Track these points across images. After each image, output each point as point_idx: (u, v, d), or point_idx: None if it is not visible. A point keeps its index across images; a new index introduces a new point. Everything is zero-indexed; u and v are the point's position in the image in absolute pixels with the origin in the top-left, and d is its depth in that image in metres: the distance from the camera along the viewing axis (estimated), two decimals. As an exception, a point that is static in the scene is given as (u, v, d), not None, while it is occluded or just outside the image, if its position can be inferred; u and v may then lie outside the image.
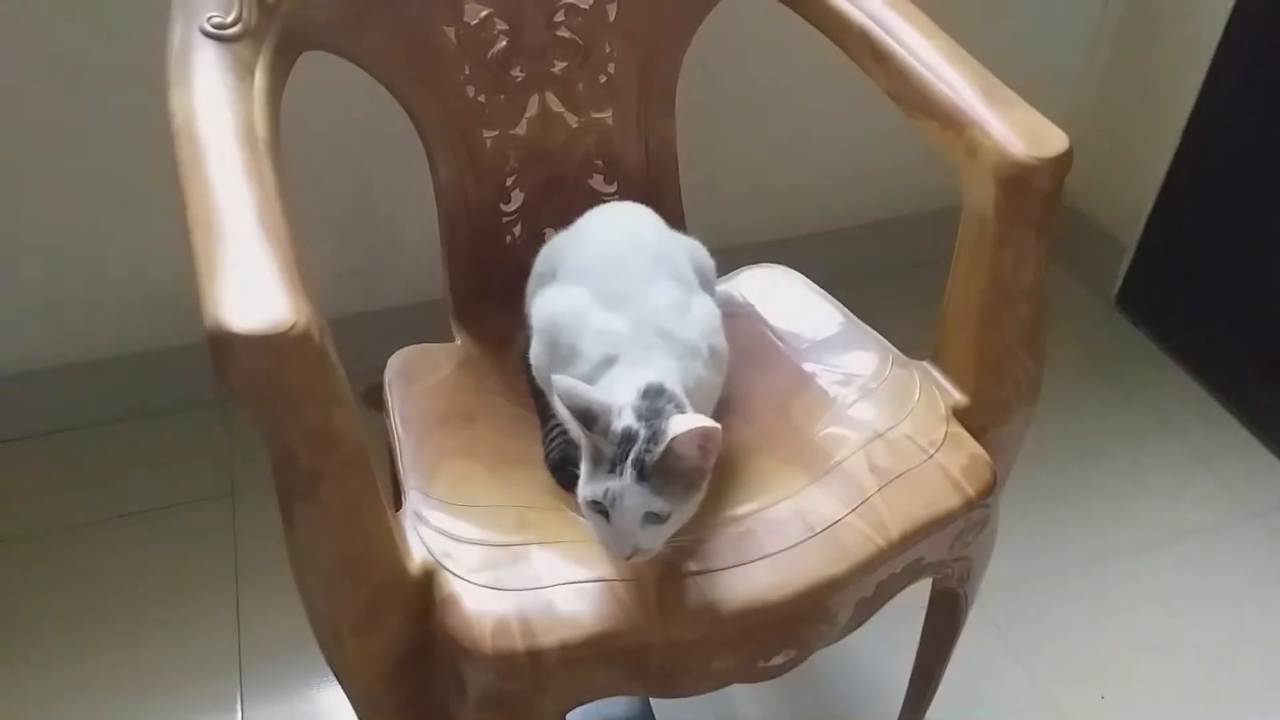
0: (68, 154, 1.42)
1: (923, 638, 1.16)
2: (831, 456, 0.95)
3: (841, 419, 0.99)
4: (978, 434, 0.98)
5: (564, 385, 0.78)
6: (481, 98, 1.09)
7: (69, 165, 1.43)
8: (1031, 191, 0.90)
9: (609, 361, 0.88)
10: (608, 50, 1.12)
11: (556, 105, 1.13)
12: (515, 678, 0.81)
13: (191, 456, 1.60)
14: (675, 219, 1.20)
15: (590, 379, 0.87)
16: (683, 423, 0.78)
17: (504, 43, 1.09)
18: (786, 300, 1.15)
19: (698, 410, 0.86)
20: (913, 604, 1.05)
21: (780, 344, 1.10)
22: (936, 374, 1.03)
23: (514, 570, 0.84)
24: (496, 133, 1.11)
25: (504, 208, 1.14)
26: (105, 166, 1.43)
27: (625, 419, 0.79)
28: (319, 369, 0.73)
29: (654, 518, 0.78)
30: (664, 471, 0.78)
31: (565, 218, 1.10)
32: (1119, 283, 1.92)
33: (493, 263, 1.14)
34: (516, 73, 1.11)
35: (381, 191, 1.58)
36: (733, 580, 0.84)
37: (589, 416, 0.78)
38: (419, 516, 0.88)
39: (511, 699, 0.83)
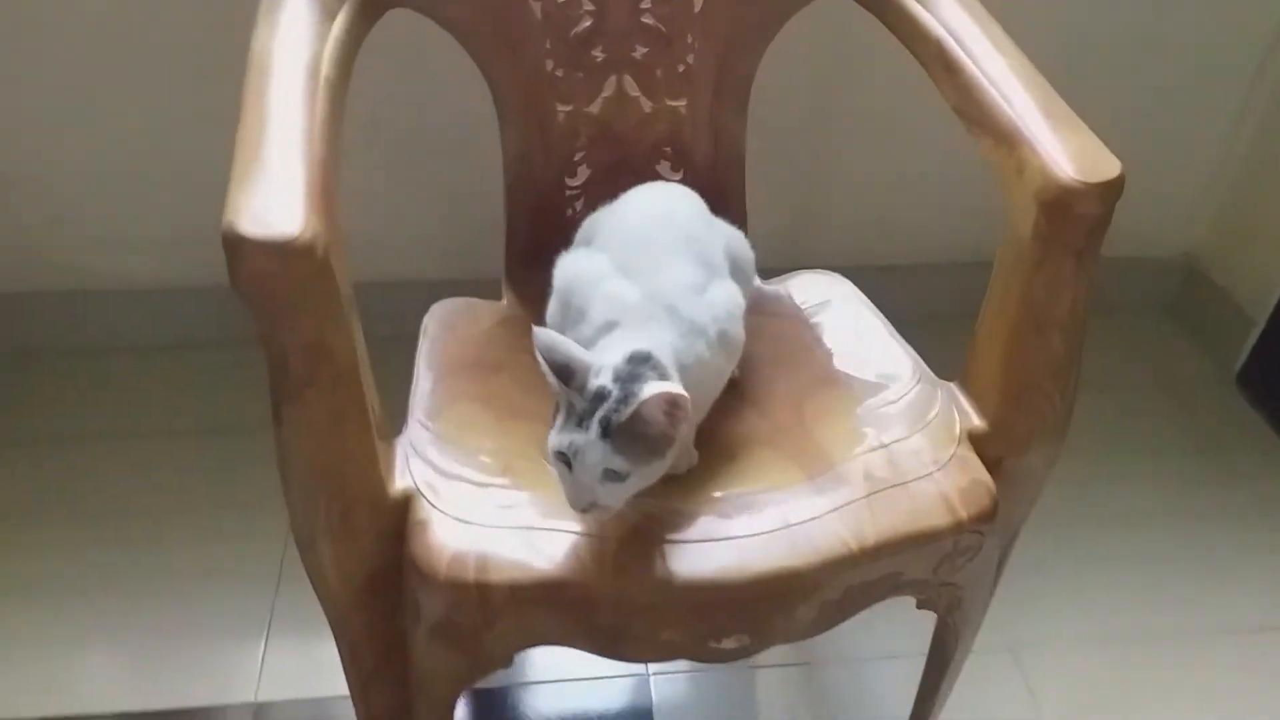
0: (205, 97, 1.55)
1: (925, 669, 1.13)
2: (832, 458, 0.94)
3: (853, 425, 0.98)
4: (993, 463, 0.95)
5: (544, 339, 0.80)
6: (560, 73, 1.14)
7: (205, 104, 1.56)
8: (1074, 217, 0.87)
9: (610, 326, 0.90)
10: (689, 41, 1.15)
11: (633, 89, 1.16)
12: (464, 609, 0.84)
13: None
14: (737, 217, 1.21)
15: (591, 341, 0.89)
16: (654, 388, 0.79)
17: (588, 23, 1.13)
18: (833, 306, 1.14)
19: (695, 390, 0.87)
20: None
21: (814, 346, 1.10)
22: (960, 396, 1.00)
23: (486, 509, 0.87)
24: (570, 108, 1.15)
25: (569, 182, 1.18)
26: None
27: (602, 378, 0.81)
28: (318, 283, 0.78)
29: (613, 475, 0.80)
30: (628, 433, 0.79)
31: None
32: (1242, 359, 1.80)
33: (550, 232, 1.17)
34: (597, 53, 1.14)
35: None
36: (693, 554, 0.85)
37: (566, 372, 0.80)
38: (413, 446, 0.93)
39: (461, 631, 0.86)
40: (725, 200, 1.20)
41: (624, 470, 0.80)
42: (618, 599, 0.83)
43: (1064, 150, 0.88)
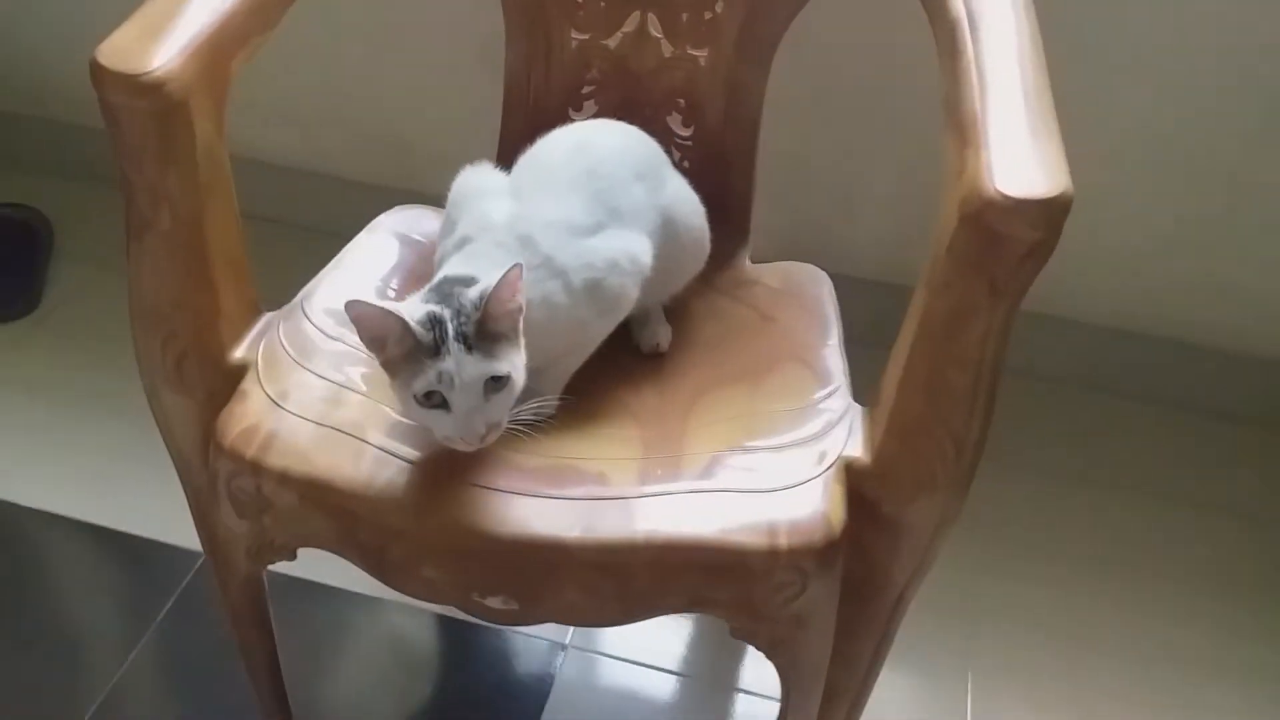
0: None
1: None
2: (684, 446, 0.85)
3: (736, 421, 0.88)
4: (870, 505, 0.82)
5: (354, 312, 0.75)
6: (580, -1, 1.09)
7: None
8: (992, 235, 0.72)
9: (463, 243, 0.85)
10: (721, -15, 1.06)
11: (655, 29, 1.10)
12: (240, 484, 0.83)
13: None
14: (742, 184, 1.12)
15: (447, 255, 0.86)
16: (491, 278, 0.75)
17: (620, -53, 1.07)
18: (798, 302, 1.03)
19: (540, 332, 0.82)
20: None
21: (755, 338, 0.99)
22: (862, 423, 0.87)
23: (312, 402, 0.86)
24: (586, 38, 1.10)
25: (574, 115, 1.13)
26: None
27: (425, 308, 0.76)
28: (165, 126, 0.79)
29: (495, 383, 0.76)
30: (488, 334, 0.76)
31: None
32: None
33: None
34: (625, -18, 1.08)
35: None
36: (469, 497, 0.79)
37: (384, 331, 0.75)
38: (275, 325, 0.92)
39: (245, 508, 0.85)
40: (730, 165, 1.12)
41: (504, 371, 0.76)
42: (376, 517, 0.80)
43: (1003, 155, 0.74)
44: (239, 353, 0.89)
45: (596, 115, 1.13)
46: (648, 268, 0.91)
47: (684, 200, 0.97)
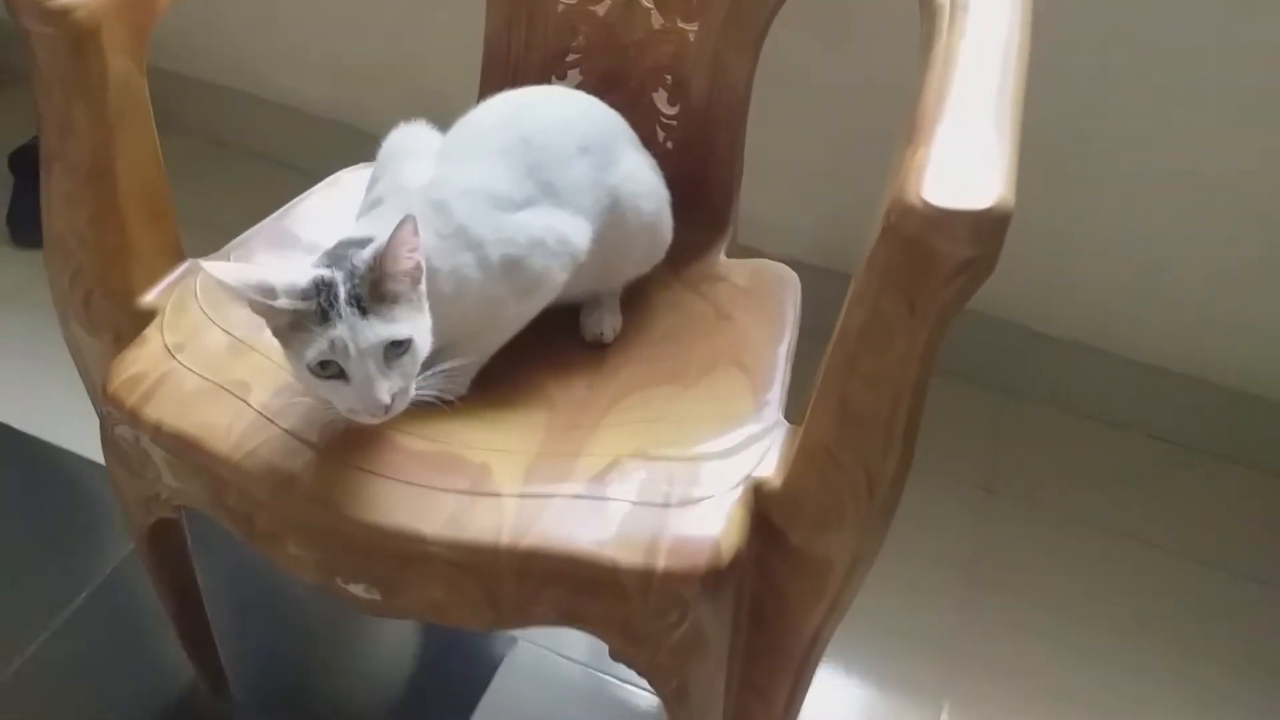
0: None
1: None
2: (586, 447, 0.79)
3: (651, 424, 0.81)
4: (779, 534, 0.75)
5: (218, 275, 0.69)
6: (569, -42, 1.03)
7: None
8: (911, 247, 0.64)
9: (374, 205, 0.80)
10: (716, -44, 0.98)
11: (646, 0, 1.03)
12: (119, 431, 0.80)
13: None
14: (724, 170, 1.05)
15: (360, 214, 0.81)
16: (383, 236, 0.69)
17: (615, -92, 1.00)
18: (760, 305, 0.95)
19: (449, 307, 0.77)
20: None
21: (704, 338, 0.92)
22: (783, 443, 0.79)
23: (210, 358, 0.82)
24: (574, 1, 1.04)
25: (556, 82, 1.07)
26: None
27: (311, 273, 0.71)
28: (74, 55, 0.76)
29: (396, 348, 0.71)
30: (384, 295, 0.71)
31: (617, 121, 1.02)
32: None
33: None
34: (618, -54, 1.02)
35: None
36: (339, 476, 0.75)
37: (268, 289, 0.69)
38: (195, 273, 0.89)
39: (127, 458, 0.82)
40: (713, 151, 1.04)
41: (407, 334, 0.71)
42: (241, 483, 0.76)
43: (939, 159, 0.65)
44: (150, 297, 0.86)
45: (580, 85, 1.07)
46: (581, 251, 0.85)
47: (639, 183, 0.90)
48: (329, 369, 0.70)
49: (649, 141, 1.06)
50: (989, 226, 0.62)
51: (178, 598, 0.98)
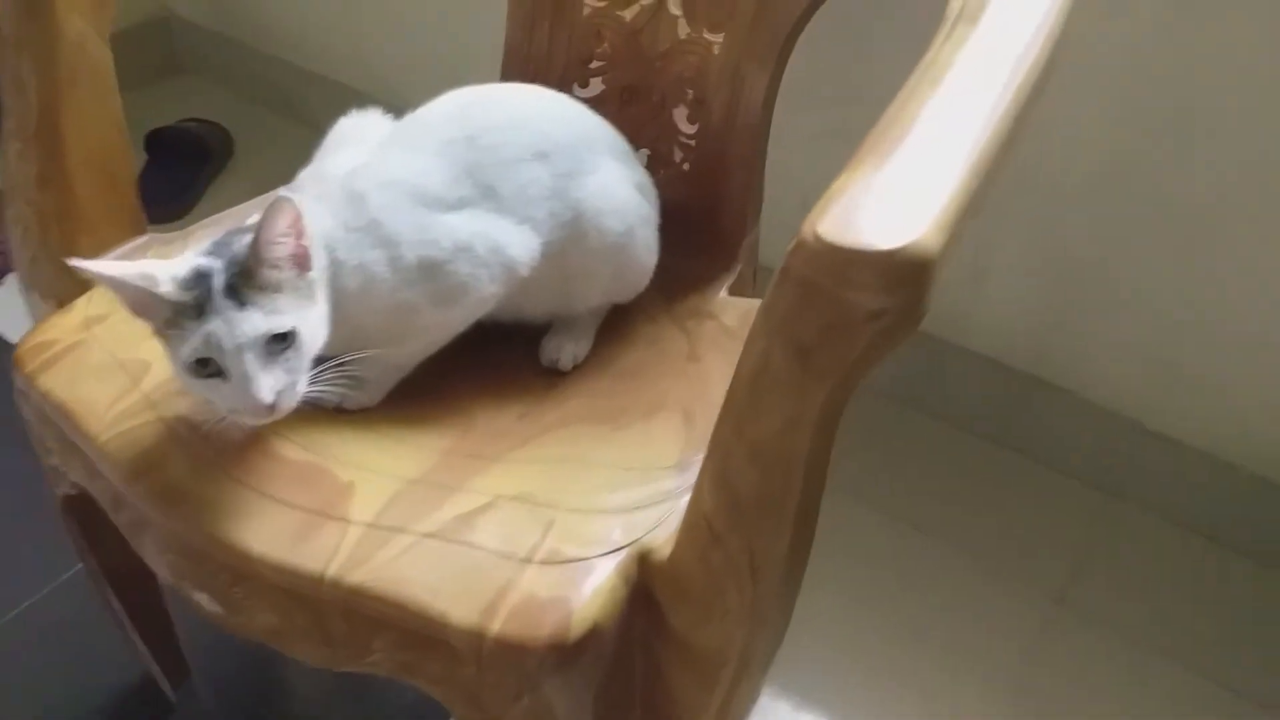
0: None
1: None
2: (484, 479, 0.70)
3: (561, 465, 0.72)
4: (660, 612, 0.63)
5: (96, 273, 0.64)
6: (599, -42, 0.95)
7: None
8: (802, 287, 0.51)
9: (295, 190, 0.74)
10: (745, -38, 0.88)
11: (675, 7, 0.93)
12: (24, 397, 0.77)
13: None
14: (737, 212, 0.94)
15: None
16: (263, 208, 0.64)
17: (648, -93, 0.92)
18: (735, 344, 0.82)
19: (353, 306, 0.71)
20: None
21: (666, 377, 0.81)
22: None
23: (121, 330, 0.78)
24: (602, 4, 0.96)
25: (578, 92, 0.99)
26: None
27: (191, 262, 0.66)
28: (25, 11, 0.76)
29: (279, 342, 0.65)
30: (265, 284, 0.65)
31: (635, 136, 0.94)
32: None
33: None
34: (648, -52, 0.93)
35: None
36: (194, 476, 0.69)
37: (148, 278, 0.64)
38: (148, 248, 0.87)
39: (31, 425, 0.80)
40: (728, 178, 0.94)
41: (289, 326, 0.65)
42: (104, 465, 0.71)
43: (861, 187, 0.52)
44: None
45: (602, 96, 0.99)
46: (519, 264, 0.76)
47: (609, 199, 0.80)
48: (207, 366, 0.65)
49: (666, 161, 0.97)
50: (899, 273, 0.50)
51: (116, 582, 0.96)
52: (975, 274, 1.32)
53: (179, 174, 1.81)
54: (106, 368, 0.76)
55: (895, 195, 0.52)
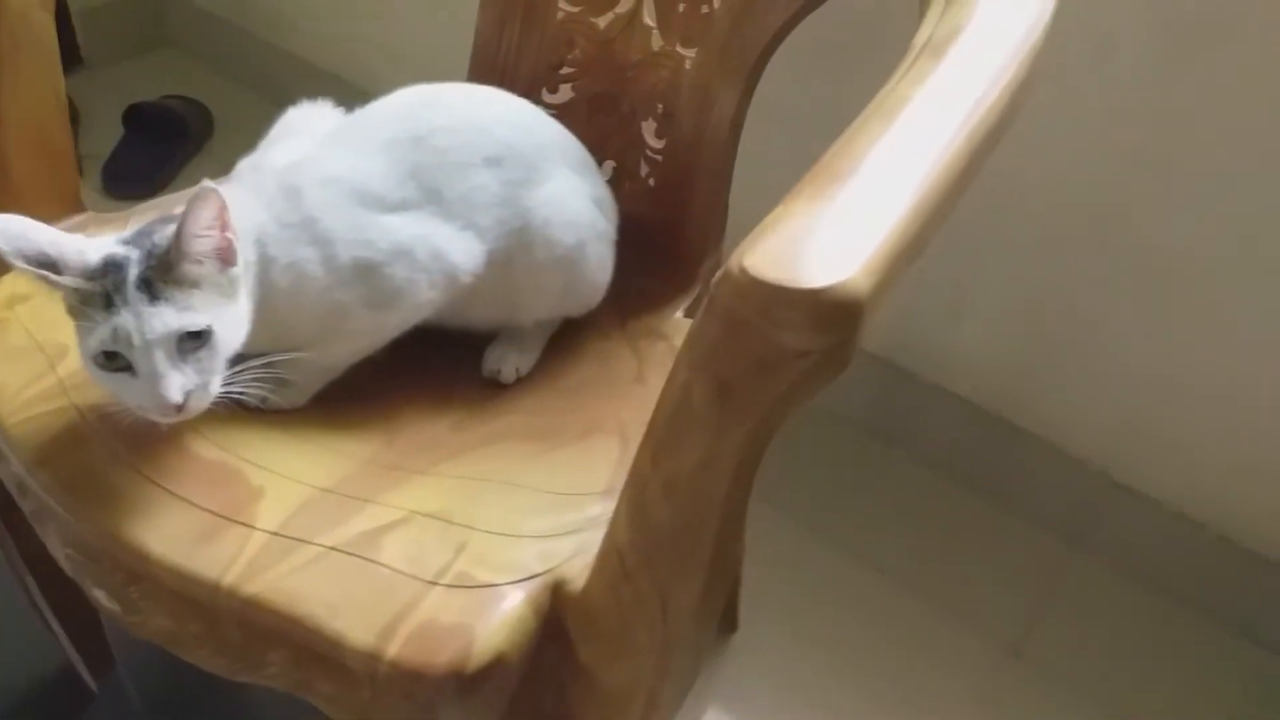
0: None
1: None
2: (401, 493, 0.67)
3: (484, 484, 0.69)
4: (571, 645, 0.61)
5: (7, 227, 0.62)
6: (576, -40, 0.93)
7: None
8: (726, 320, 0.49)
9: (226, 181, 0.72)
10: (722, -24, 0.86)
11: (649, 17, 0.91)
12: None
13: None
14: (697, 235, 0.92)
15: None
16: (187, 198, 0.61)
17: (628, -87, 0.90)
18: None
19: (283, 303, 0.69)
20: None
21: (613, 397, 0.79)
22: (612, 538, 0.64)
23: (44, 311, 0.75)
24: (575, 9, 0.94)
25: (547, 97, 0.97)
26: None
27: (107, 248, 0.63)
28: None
29: (193, 340, 0.62)
30: (183, 279, 0.62)
31: (602, 147, 0.92)
32: None
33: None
34: (626, -46, 0.91)
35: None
36: (102, 470, 0.67)
37: (48, 260, 0.62)
38: (85, 227, 0.84)
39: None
40: (691, 198, 0.91)
41: (203, 324, 0.62)
42: (10, 450, 0.68)
43: (794, 220, 0.50)
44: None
45: (571, 103, 0.96)
46: (460, 271, 0.73)
47: (560, 210, 0.78)
48: (116, 360, 0.62)
49: (631, 174, 0.95)
50: (826, 314, 0.47)
51: (36, 568, 0.92)
52: (953, 314, 1.30)
53: (154, 151, 1.78)
54: (24, 349, 0.73)
55: (830, 232, 0.49)
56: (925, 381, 1.35)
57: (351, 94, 1.97)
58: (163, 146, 1.79)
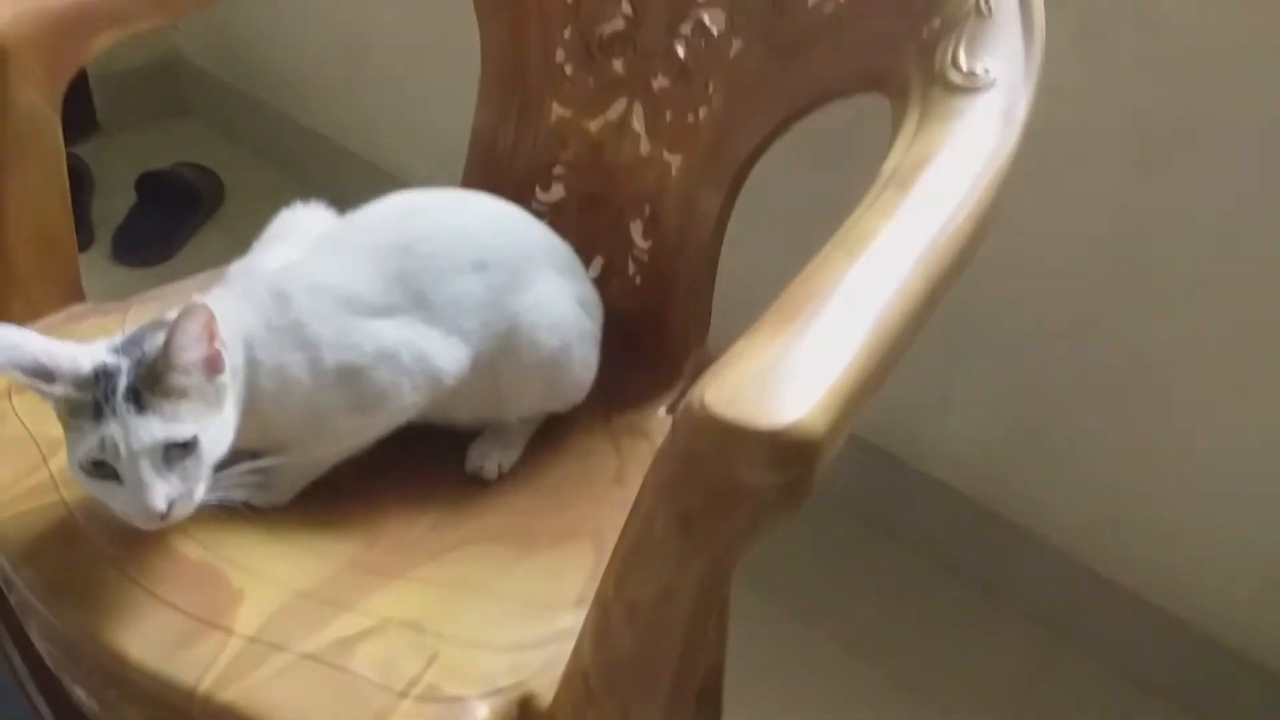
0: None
1: None
2: (377, 598, 0.68)
3: (456, 591, 0.70)
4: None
5: (2, 339, 0.63)
6: (569, 68, 0.96)
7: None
8: (688, 454, 0.51)
9: (218, 283, 0.74)
10: (709, 89, 0.89)
11: (638, 123, 0.94)
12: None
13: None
14: (680, 332, 0.94)
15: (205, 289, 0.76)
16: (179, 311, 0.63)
17: (620, 25, 0.93)
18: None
19: (279, 417, 0.70)
20: None
21: (589, 500, 0.80)
22: (581, 649, 0.65)
23: (43, 405, 0.77)
24: (568, 113, 0.97)
25: (540, 195, 1.00)
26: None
27: (98, 356, 0.65)
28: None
29: (180, 450, 0.64)
30: (171, 389, 0.64)
31: (592, 244, 0.95)
32: None
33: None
34: (618, 65, 0.94)
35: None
36: (88, 570, 0.68)
37: (43, 371, 0.64)
38: (84, 317, 0.86)
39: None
40: (674, 297, 0.94)
41: (189, 435, 0.64)
42: (2, 545, 0.70)
43: (757, 354, 0.52)
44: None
45: (563, 202, 0.99)
46: (445, 374, 0.75)
47: (545, 313, 0.80)
48: (103, 468, 0.64)
49: (619, 271, 0.97)
50: (782, 453, 0.49)
51: (19, 637, 0.93)
52: (940, 402, 1.31)
53: (165, 219, 1.82)
54: (18, 440, 0.75)
55: (789, 370, 0.51)
56: (911, 467, 1.37)
57: (361, 167, 2.02)
58: (173, 214, 1.82)
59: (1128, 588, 1.24)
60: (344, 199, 1.70)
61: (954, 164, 0.64)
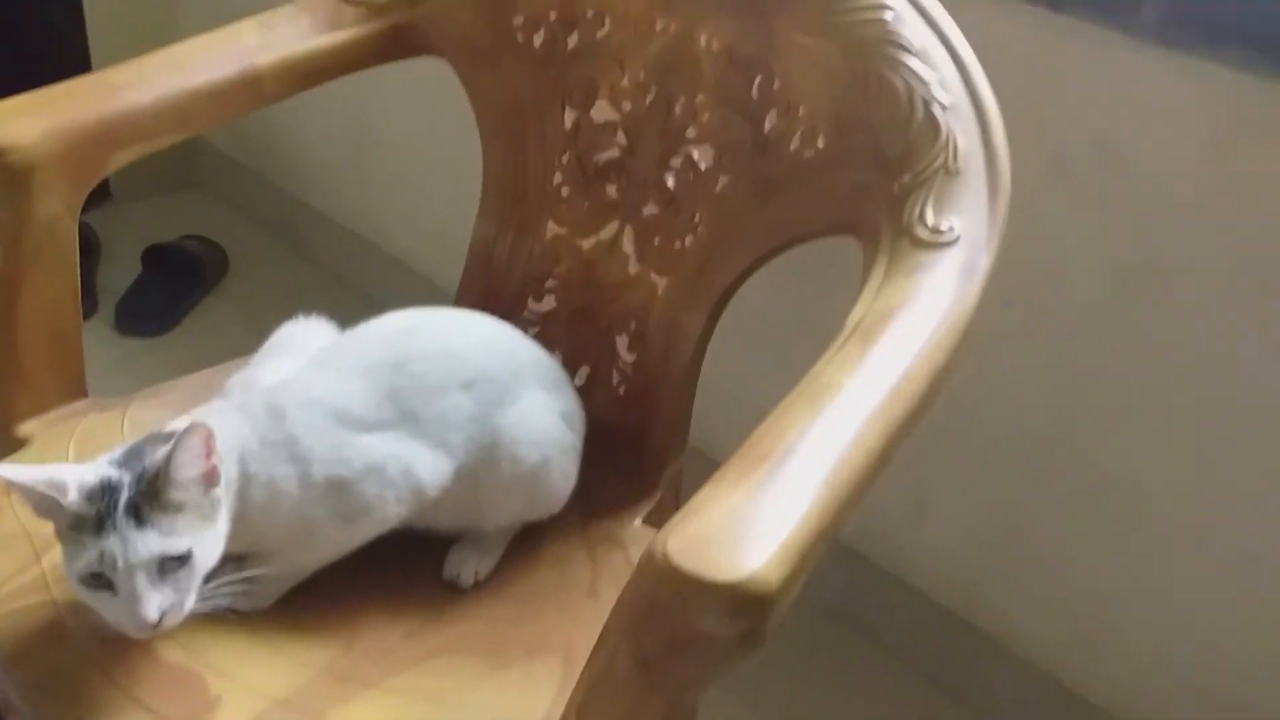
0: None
1: None
2: (351, 706, 0.71)
3: (424, 704, 0.73)
4: None
5: (7, 476, 0.67)
6: (565, 190, 1.01)
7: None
8: (650, 600, 0.54)
9: (219, 396, 0.77)
10: (695, 219, 0.94)
11: (628, 245, 0.99)
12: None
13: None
14: (659, 446, 0.97)
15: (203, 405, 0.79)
16: (180, 427, 0.66)
17: (614, 154, 0.98)
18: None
19: (268, 526, 0.73)
20: None
21: (561, 612, 0.83)
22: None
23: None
24: (563, 232, 1.01)
25: (533, 305, 1.04)
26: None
27: (100, 471, 0.68)
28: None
29: (173, 565, 0.67)
30: (168, 504, 0.67)
31: (579, 354, 0.98)
32: None
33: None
34: (611, 190, 0.99)
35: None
36: (70, 673, 0.71)
37: (48, 499, 0.67)
38: (86, 413, 0.89)
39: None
40: (655, 412, 0.97)
41: (183, 549, 0.67)
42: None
43: (707, 511, 0.55)
44: (29, 426, 0.87)
45: (554, 313, 1.03)
46: (429, 486, 0.79)
47: (528, 429, 0.83)
48: (99, 580, 0.66)
49: (604, 382, 1.01)
50: (738, 605, 0.52)
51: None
52: (916, 508, 1.34)
53: (168, 291, 1.86)
54: (13, 537, 0.78)
55: (748, 523, 0.55)
56: (887, 572, 1.39)
57: (363, 247, 2.07)
58: (177, 286, 1.87)
59: (1094, 703, 1.26)
60: (346, 278, 1.78)
61: (915, 319, 0.68)
